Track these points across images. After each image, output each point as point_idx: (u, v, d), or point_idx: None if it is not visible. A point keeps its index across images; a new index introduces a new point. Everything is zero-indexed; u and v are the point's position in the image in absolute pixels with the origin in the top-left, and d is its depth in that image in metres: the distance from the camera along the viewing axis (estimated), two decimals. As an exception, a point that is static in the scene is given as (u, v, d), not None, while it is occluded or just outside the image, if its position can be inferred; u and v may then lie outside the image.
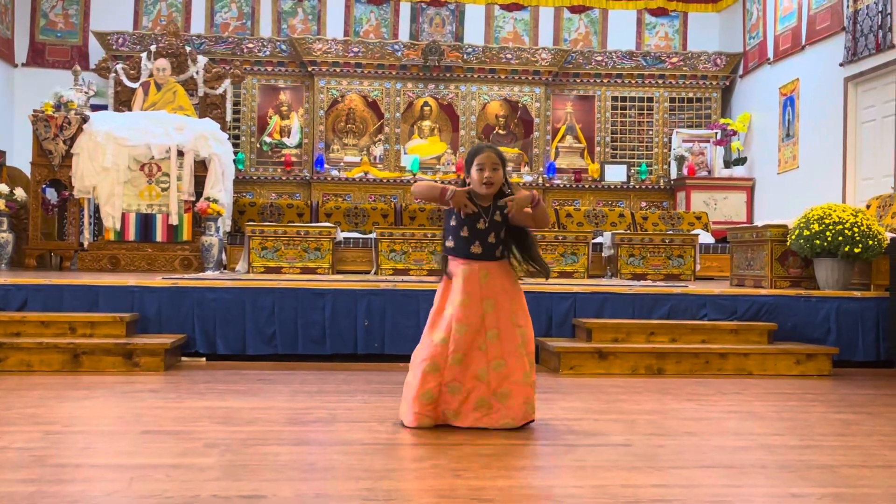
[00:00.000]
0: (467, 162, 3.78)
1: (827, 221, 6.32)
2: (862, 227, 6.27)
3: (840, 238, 6.24)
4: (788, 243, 6.70)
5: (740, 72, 12.28)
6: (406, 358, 6.03)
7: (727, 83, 12.45)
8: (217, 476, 2.87)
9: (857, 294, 6.29)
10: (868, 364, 6.16)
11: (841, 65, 9.44)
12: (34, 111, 8.52)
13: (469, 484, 2.85)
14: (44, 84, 10.40)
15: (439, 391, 3.64)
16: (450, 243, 3.76)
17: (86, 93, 9.02)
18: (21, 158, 10.04)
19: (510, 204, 3.61)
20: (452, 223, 3.75)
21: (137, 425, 3.74)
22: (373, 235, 8.83)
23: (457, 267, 3.72)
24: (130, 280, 6.21)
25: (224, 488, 2.71)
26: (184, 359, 5.93)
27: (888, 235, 6.44)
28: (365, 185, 11.66)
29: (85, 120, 8.45)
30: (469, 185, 3.76)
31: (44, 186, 8.66)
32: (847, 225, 6.26)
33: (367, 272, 8.78)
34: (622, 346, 5.71)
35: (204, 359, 5.96)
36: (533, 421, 3.71)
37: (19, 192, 8.46)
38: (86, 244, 8.44)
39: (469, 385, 3.63)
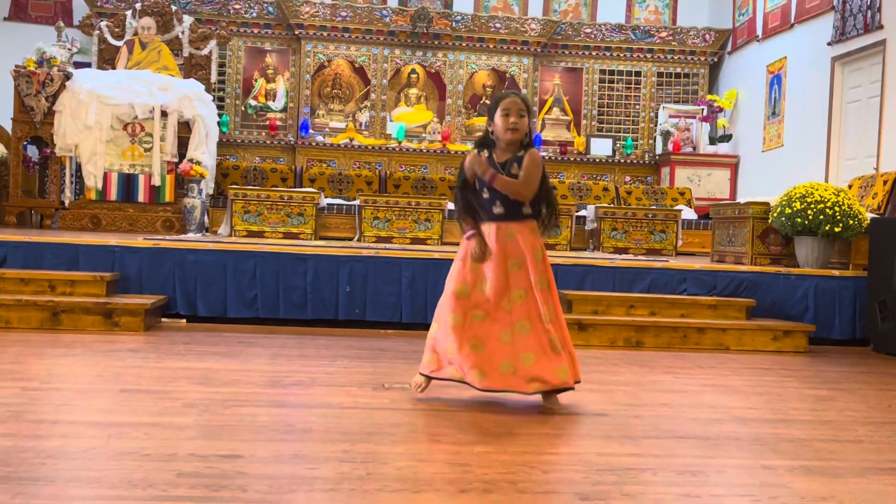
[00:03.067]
0: (491, 109, 3.58)
1: (809, 200, 6.36)
2: (843, 207, 6.31)
3: (821, 217, 6.29)
4: (770, 221, 6.74)
5: (729, 48, 12.27)
6: (386, 325, 6.10)
7: (715, 59, 12.44)
8: (195, 435, 2.88)
9: (836, 273, 6.34)
10: (844, 342, 6.23)
11: (829, 44, 9.45)
12: (16, 66, 8.41)
13: (445, 448, 2.87)
14: (26, 39, 10.23)
15: (461, 344, 3.49)
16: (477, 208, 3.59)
17: (69, 49, 8.90)
18: (2, 115, 9.91)
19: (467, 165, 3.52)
20: (476, 185, 3.57)
21: (116, 384, 3.74)
22: (357, 202, 8.81)
23: (483, 226, 3.57)
24: (111, 239, 6.18)
25: (202, 447, 2.72)
26: (164, 320, 5.92)
27: (868, 215, 6.49)
28: (350, 152, 11.61)
29: (68, 77, 8.34)
30: (492, 136, 3.59)
31: (25, 143, 8.56)
32: (828, 204, 6.30)
33: (351, 239, 8.77)
34: (602, 319, 5.75)
35: (184, 320, 5.95)
36: (570, 388, 3.55)
37: (0, 149, 8.37)
38: (67, 203, 8.38)
39: (493, 346, 3.48)
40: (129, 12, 9.79)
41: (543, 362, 3.47)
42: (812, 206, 6.32)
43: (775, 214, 6.60)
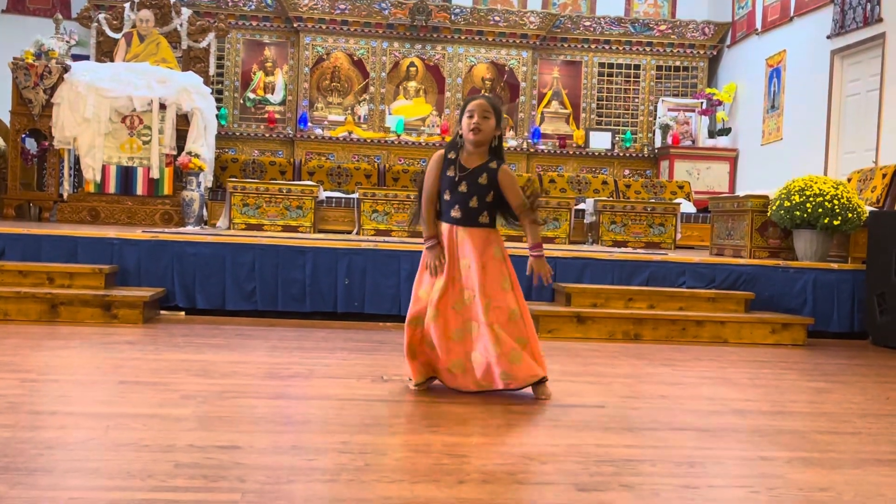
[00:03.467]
0: (461, 110, 3.61)
1: (808, 193, 6.35)
2: (842, 200, 6.31)
3: (820, 210, 6.28)
4: (769, 214, 6.74)
5: (728, 42, 12.26)
6: (385, 318, 6.10)
7: (714, 53, 12.43)
8: (193, 427, 2.88)
9: (835, 266, 6.34)
10: (842, 335, 6.23)
11: (828, 37, 9.44)
12: (14, 58, 8.39)
13: (444, 440, 2.87)
14: (24, 31, 10.22)
15: (420, 342, 3.59)
16: (438, 206, 3.63)
17: (67, 42, 8.88)
18: (0, 107, 9.89)
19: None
20: (439, 185, 3.61)
21: (114, 376, 3.74)
22: (355, 195, 8.81)
23: (442, 229, 3.62)
24: (110, 232, 6.17)
25: (200, 438, 2.72)
26: (162, 312, 5.92)
27: (867, 209, 6.50)
28: (348, 145, 11.59)
29: (66, 69, 8.32)
30: (460, 138, 3.61)
31: (23, 136, 8.55)
32: (827, 197, 6.30)
33: (349, 232, 8.77)
34: (601, 311, 5.75)
35: (183, 313, 5.95)
36: (518, 388, 3.54)
37: (-2, 141, 8.36)
38: (65, 195, 8.37)
39: (447, 345, 3.55)
40: (127, 5, 9.76)
41: (515, 364, 3.49)
42: (811, 199, 6.32)
43: (774, 207, 6.60)
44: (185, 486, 2.24)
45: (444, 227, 3.61)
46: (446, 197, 3.58)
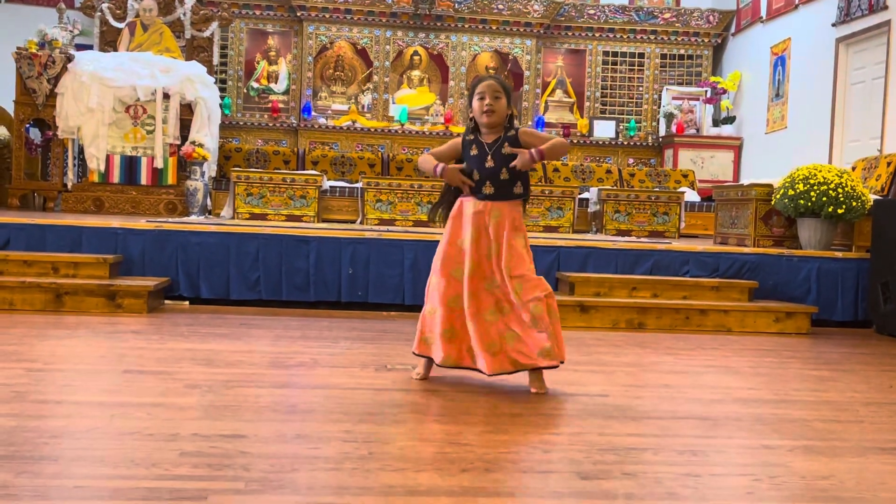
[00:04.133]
0: (469, 93, 3.59)
1: (812, 182, 6.34)
2: (846, 189, 6.30)
3: (824, 199, 6.27)
4: (773, 202, 6.72)
5: (732, 30, 12.21)
6: (388, 307, 6.11)
7: (719, 41, 12.38)
8: (198, 416, 2.89)
9: (839, 255, 6.33)
10: (846, 324, 6.23)
11: (833, 25, 9.39)
12: (17, 48, 8.39)
13: (447, 429, 2.88)
14: (27, 21, 10.21)
15: (460, 324, 3.51)
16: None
17: (70, 31, 8.87)
18: (4, 97, 9.89)
19: (518, 164, 3.48)
20: (465, 167, 3.57)
21: (119, 365, 3.76)
22: (359, 185, 8.80)
23: (467, 204, 3.55)
24: (114, 222, 6.18)
25: (205, 427, 2.73)
26: (167, 302, 5.94)
27: (872, 197, 6.48)
28: (352, 134, 11.58)
29: (70, 59, 8.32)
30: (472, 122, 3.60)
31: (27, 125, 8.56)
32: (832, 186, 6.28)
33: (353, 221, 8.77)
34: (604, 301, 5.75)
35: (187, 302, 5.97)
36: (554, 366, 3.49)
37: (2, 131, 8.38)
38: (70, 185, 8.38)
39: (483, 326, 3.47)
40: (130, -6, 9.75)
41: (526, 340, 3.45)
42: (815, 187, 6.30)
43: (778, 196, 6.59)
44: (190, 474, 2.26)
45: (471, 206, 3.53)
46: (475, 176, 3.54)
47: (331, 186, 9.18)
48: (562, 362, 3.49)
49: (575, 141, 12.05)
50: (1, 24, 11.25)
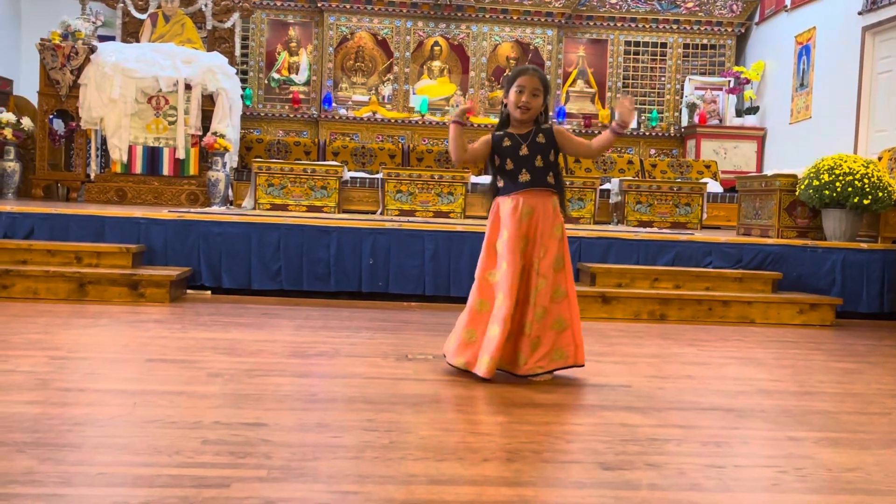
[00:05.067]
0: (509, 81, 3.54)
1: (837, 172, 6.27)
2: (872, 179, 6.22)
3: (850, 189, 6.20)
4: (797, 193, 6.66)
5: (756, 19, 12.08)
6: (409, 297, 6.11)
7: (742, 30, 12.26)
8: (220, 404, 2.90)
9: (864, 246, 6.26)
10: (871, 316, 6.17)
11: (859, 13, 9.27)
12: (41, 40, 8.44)
13: (469, 418, 2.88)
14: (51, 13, 10.30)
15: (472, 328, 3.51)
16: (500, 183, 3.57)
17: (93, 23, 8.91)
18: (28, 88, 9.97)
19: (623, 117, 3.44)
20: (496, 162, 3.56)
21: (142, 354, 3.77)
22: (379, 176, 8.79)
23: (504, 202, 3.53)
24: (137, 212, 6.21)
25: (227, 415, 2.74)
26: (189, 291, 5.96)
27: (898, 188, 6.40)
28: (373, 125, 11.58)
29: (92, 50, 8.37)
30: (505, 108, 3.57)
31: (51, 116, 8.61)
32: (857, 176, 6.21)
33: (373, 212, 8.77)
34: (626, 292, 5.72)
35: (209, 292, 6.00)
36: (576, 366, 3.52)
37: (26, 122, 8.44)
38: (92, 176, 8.43)
39: (516, 328, 3.46)
40: (152, -15, 9.78)
41: (550, 346, 3.47)
42: (840, 178, 6.23)
43: (803, 187, 6.52)
44: (212, 462, 2.26)
45: (510, 202, 3.49)
46: (509, 166, 3.52)
47: (351, 177, 9.18)
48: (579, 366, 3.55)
49: (596, 132, 11.97)
50: (25, 15, 11.34)
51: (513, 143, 3.53)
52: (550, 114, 3.71)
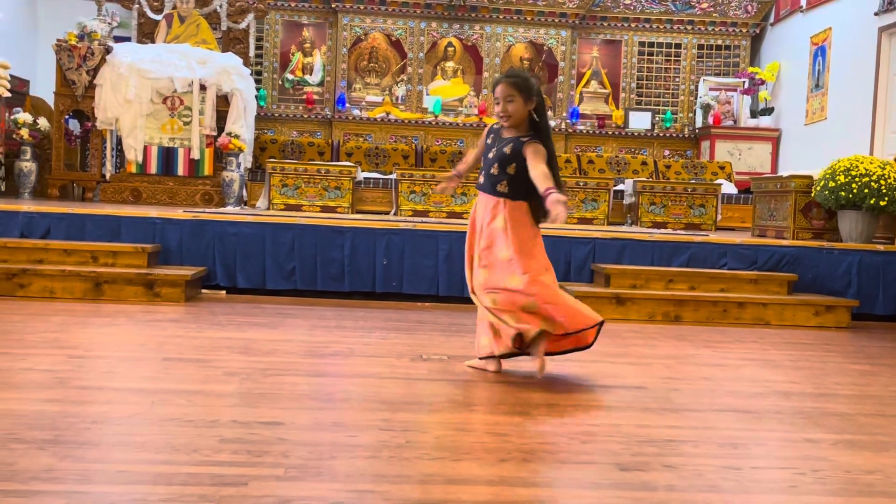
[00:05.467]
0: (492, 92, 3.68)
1: (853, 173, 6.24)
2: (889, 180, 6.19)
3: (866, 190, 6.17)
4: (813, 195, 6.63)
5: (771, 19, 12.03)
6: (423, 297, 6.11)
7: (757, 31, 12.21)
8: (236, 402, 2.91)
9: (881, 248, 6.23)
10: (888, 318, 6.13)
11: (876, 14, 9.22)
12: (58, 41, 8.48)
13: (484, 419, 2.88)
14: (67, 14, 10.33)
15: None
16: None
17: (109, 24, 8.96)
18: (44, 88, 10.02)
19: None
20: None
21: (158, 353, 3.79)
22: (393, 176, 8.81)
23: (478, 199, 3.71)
24: (152, 212, 6.24)
25: (243, 414, 2.75)
26: (204, 291, 5.98)
27: (915, 189, 6.36)
28: (386, 126, 11.59)
29: (108, 51, 8.41)
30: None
31: (67, 117, 8.66)
32: (874, 177, 6.17)
33: (387, 213, 8.78)
34: (640, 293, 5.70)
35: (224, 291, 6.02)
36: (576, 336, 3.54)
37: (42, 122, 8.48)
38: (108, 176, 8.47)
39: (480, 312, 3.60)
40: (167, -14, 9.82)
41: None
42: (856, 179, 6.20)
43: (818, 188, 6.49)
44: (230, 460, 2.27)
45: (478, 196, 3.69)
46: (480, 163, 3.70)
47: (365, 178, 9.19)
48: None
49: (610, 132, 11.95)
50: (41, 16, 11.41)
51: (491, 143, 3.64)
52: (550, 114, 3.78)
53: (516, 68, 3.80)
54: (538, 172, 3.38)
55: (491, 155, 3.59)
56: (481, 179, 3.62)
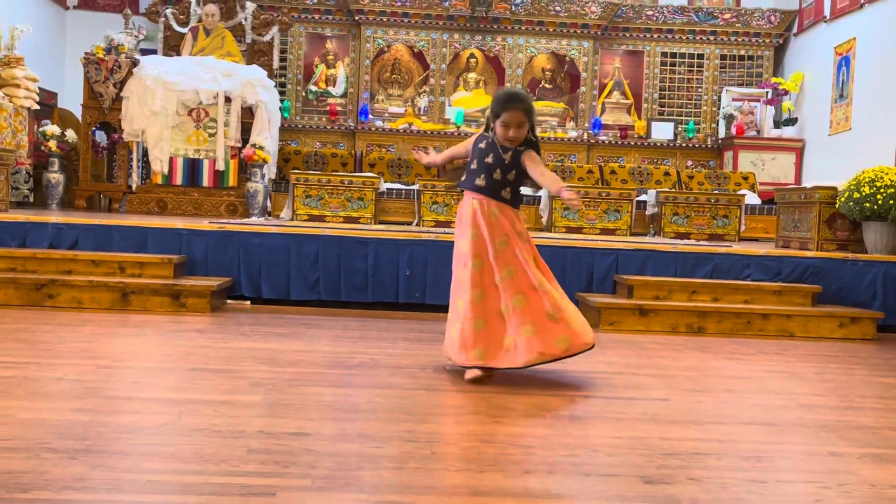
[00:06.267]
0: (494, 111, 3.69)
1: (878, 184, 6.21)
2: (914, 192, 6.14)
3: (891, 201, 6.13)
4: (837, 206, 6.60)
5: (794, 30, 11.99)
6: (446, 308, 6.11)
7: (780, 41, 12.17)
8: (263, 413, 2.95)
9: (906, 259, 6.19)
10: (913, 330, 6.09)
11: (901, 24, 9.17)
12: (85, 54, 8.61)
13: (509, 430, 2.89)
14: (95, 27, 10.49)
15: (470, 328, 3.65)
16: (463, 176, 3.82)
17: (136, 37, 9.08)
18: (72, 101, 10.17)
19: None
20: (468, 157, 3.81)
21: (185, 363, 3.84)
22: (415, 187, 8.85)
23: (466, 200, 3.77)
24: (178, 223, 6.31)
25: (270, 425, 2.78)
26: (229, 301, 6.04)
27: (941, 200, 6.31)
28: (409, 137, 11.64)
29: (135, 64, 8.52)
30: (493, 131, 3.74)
31: (94, 129, 8.78)
32: (899, 188, 6.13)
33: (410, 223, 8.82)
34: (663, 304, 5.70)
35: (249, 302, 6.07)
36: (573, 355, 3.64)
37: (70, 134, 8.60)
38: (134, 187, 8.57)
39: (493, 323, 3.63)
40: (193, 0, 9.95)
41: (541, 333, 3.56)
42: (882, 190, 6.17)
43: (843, 199, 6.46)
44: (258, 471, 2.30)
45: (468, 200, 3.74)
46: (473, 166, 3.75)
47: (387, 188, 9.25)
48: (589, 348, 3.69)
49: (632, 143, 11.95)
50: (69, 30, 11.58)
51: (486, 148, 3.72)
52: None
53: (517, 90, 3.87)
54: (545, 172, 3.67)
55: (490, 160, 3.69)
56: (480, 182, 3.69)
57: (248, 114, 8.60)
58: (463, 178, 3.81)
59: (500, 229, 3.66)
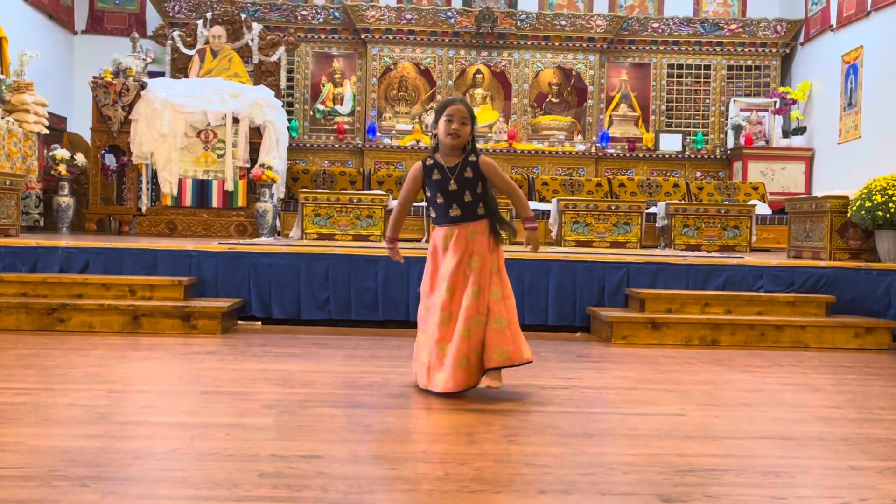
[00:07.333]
0: (437, 112, 3.75)
1: (890, 192, 6.16)
2: (927, 199, 6.10)
3: (903, 210, 6.08)
4: (849, 214, 6.56)
5: (801, 39, 11.97)
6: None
7: (787, 51, 12.15)
8: (275, 436, 2.92)
9: (920, 267, 6.13)
10: (929, 339, 6.02)
11: (908, 31, 9.15)
12: (94, 78, 8.66)
13: (523, 450, 2.86)
14: (103, 51, 10.57)
15: (435, 352, 3.67)
16: (433, 214, 3.82)
17: (143, 60, 9.14)
18: (81, 124, 10.23)
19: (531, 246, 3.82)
20: (428, 193, 3.79)
21: (196, 386, 3.82)
22: (424, 204, 8.83)
23: (441, 233, 3.76)
24: (188, 244, 6.32)
25: (282, 447, 2.76)
26: (240, 322, 6.03)
27: (954, 207, 6.26)
28: (417, 154, 11.65)
29: (143, 86, 8.57)
30: (436, 139, 3.77)
31: (103, 152, 8.82)
32: (911, 196, 6.09)
33: (419, 240, 8.81)
34: (676, 317, 5.66)
35: (259, 323, 6.06)
36: (517, 365, 3.68)
37: (80, 158, 8.64)
38: (144, 209, 8.60)
39: (456, 344, 3.62)
40: (200, 22, 10.01)
41: (491, 345, 3.62)
42: (894, 198, 6.13)
43: (854, 208, 6.42)
44: (270, 495, 2.28)
45: (443, 230, 3.76)
46: (439, 200, 3.74)
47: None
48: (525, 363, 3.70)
49: (641, 155, 11.93)
50: (78, 54, 11.66)
51: (442, 177, 3.72)
52: (479, 146, 4.00)
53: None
54: (514, 188, 3.80)
55: (452, 187, 3.69)
56: (456, 212, 3.70)
57: (256, 134, 8.63)
58: (434, 216, 3.81)
59: (477, 248, 3.69)
